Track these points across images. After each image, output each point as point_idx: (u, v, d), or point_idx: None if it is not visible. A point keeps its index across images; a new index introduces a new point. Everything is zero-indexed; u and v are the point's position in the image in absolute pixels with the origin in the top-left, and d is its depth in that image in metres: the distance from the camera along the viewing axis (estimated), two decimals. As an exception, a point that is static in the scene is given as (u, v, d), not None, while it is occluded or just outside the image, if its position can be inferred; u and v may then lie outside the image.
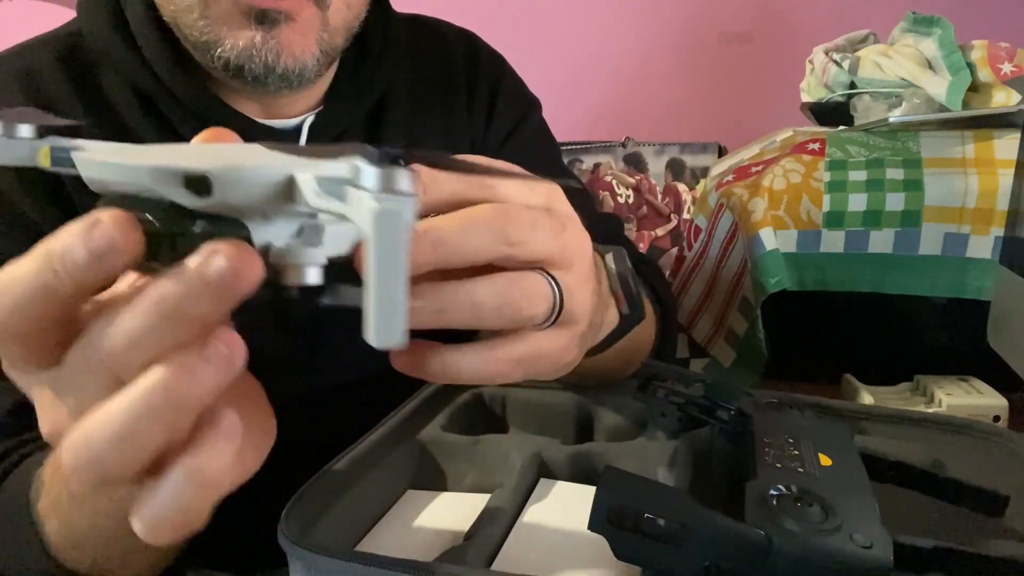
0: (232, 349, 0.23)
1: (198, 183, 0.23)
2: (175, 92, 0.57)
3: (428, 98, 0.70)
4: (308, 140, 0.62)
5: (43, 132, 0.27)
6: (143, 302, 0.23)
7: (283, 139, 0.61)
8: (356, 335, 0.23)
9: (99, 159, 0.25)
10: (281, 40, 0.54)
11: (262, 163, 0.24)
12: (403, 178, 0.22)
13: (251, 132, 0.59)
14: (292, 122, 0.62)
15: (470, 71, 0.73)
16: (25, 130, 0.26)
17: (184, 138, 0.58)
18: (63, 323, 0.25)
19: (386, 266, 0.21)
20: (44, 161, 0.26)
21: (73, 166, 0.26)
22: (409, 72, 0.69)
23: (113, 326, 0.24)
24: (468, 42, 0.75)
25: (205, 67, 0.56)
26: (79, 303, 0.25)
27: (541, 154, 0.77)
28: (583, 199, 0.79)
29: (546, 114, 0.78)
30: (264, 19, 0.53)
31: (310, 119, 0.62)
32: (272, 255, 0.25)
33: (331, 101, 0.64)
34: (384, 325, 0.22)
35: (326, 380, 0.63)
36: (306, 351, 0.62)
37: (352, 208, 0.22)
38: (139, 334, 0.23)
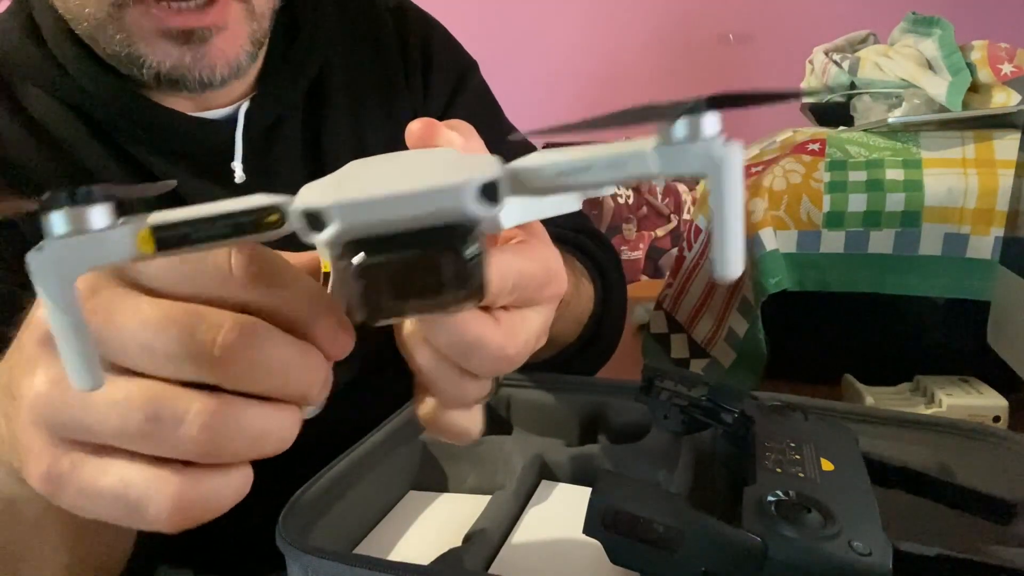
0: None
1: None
2: (101, 99, 0.55)
3: (364, 71, 0.68)
4: (245, 127, 0.60)
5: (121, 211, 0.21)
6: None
7: (219, 130, 0.59)
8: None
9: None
10: (213, 53, 0.52)
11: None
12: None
13: (184, 126, 0.57)
14: (226, 111, 0.60)
15: (401, 36, 0.71)
16: (98, 218, 0.20)
17: (116, 142, 0.56)
18: None
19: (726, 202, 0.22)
20: (146, 248, 0.21)
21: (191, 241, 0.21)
22: (342, 45, 0.67)
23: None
24: (395, 4, 0.73)
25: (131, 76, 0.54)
26: None
27: (486, 118, 0.73)
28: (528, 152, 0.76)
29: (546, 112, 0.78)
30: (191, 38, 0.51)
31: (245, 105, 0.60)
32: None
33: (265, 84, 0.62)
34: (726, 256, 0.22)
35: None
36: None
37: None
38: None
